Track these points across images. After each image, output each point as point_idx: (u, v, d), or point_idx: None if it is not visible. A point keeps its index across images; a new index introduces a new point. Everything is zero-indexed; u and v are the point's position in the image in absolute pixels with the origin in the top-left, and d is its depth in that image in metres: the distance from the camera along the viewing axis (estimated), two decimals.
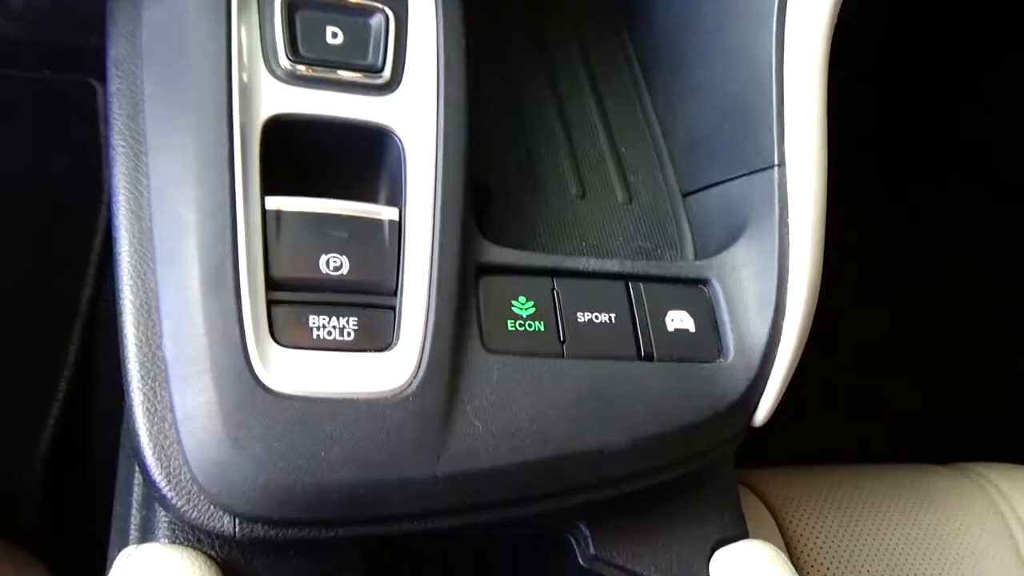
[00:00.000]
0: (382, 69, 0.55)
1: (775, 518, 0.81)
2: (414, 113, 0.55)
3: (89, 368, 0.98)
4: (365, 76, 0.55)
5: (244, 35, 0.53)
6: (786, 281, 0.59)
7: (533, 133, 0.69)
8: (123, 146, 0.53)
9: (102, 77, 1.16)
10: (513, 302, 0.56)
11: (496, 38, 0.73)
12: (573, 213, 0.66)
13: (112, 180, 0.52)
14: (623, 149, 0.70)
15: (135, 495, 0.57)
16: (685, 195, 0.69)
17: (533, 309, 0.56)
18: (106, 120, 0.54)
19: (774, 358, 0.59)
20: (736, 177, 0.63)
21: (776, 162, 0.60)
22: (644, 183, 0.69)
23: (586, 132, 0.70)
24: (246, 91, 0.52)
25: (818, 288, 0.59)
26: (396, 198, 0.54)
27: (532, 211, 0.65)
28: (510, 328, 0.55)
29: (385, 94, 0.55)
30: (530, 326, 0.55)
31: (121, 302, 0.50)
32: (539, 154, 0.68)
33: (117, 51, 0.55)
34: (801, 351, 0.60)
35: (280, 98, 0.53)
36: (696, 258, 0.66)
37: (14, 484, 0.98)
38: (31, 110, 1.09)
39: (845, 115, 0.69)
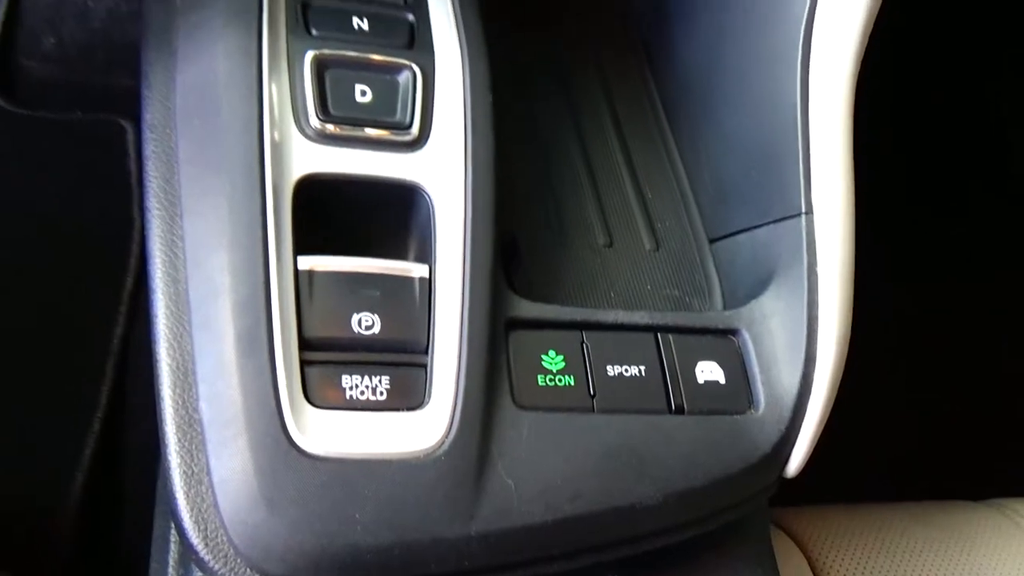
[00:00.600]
0: (410, 126, 0.56)
1: (806, 557, 0.81)
2: (442, 169, 0.56)
3: (121, 406, 1.00)
4: (393, 133, 0.55)
5: (275, 96, 0.54)
6: (816, 331, 0.59)
7: (559, 179, 0.69)
8: (159, 209, 0.54)
9: (132, 117, 1.18)
10: (543, 356, 0.56)
11: (518, 80, 0.73)
12: (601, 262, 0.66)
13: (148, 243, 0.53)
14: (649, 195, 0.70)
15: (172, 552, 0.57)
16: (712, 241, 0.69)
17: (563, 363, 0.56)
18: (141, 183, 0.55)
19: (805, 409, 0.59)
20: (763, 224, 0.63)
21: (803, 210, 0.60)
22: (671, 230, 0.69)
23: (612, 178, 0.71)
24: (278, 151, 0.53)
25: (848, 338, 0.59)
26: (426, 254, 0.55)
27: (560, 261, 0.65)
28: (540, 383, 0.55)
29: (413, 151, 0.56)
30: (560, 380, 0.55)
31: (157, 365, 0.51)
32: (565, 202, 0.68)
33: (152, 115, 0.56)
34: (833, 401, 0.59)
35: (311, 158, 0.54)
36: (725, 306, 0.66)
37: (48, 522, 1.00)
38: (63, 150, 1.11)
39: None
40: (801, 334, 0.59)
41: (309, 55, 0.55)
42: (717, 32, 0.69)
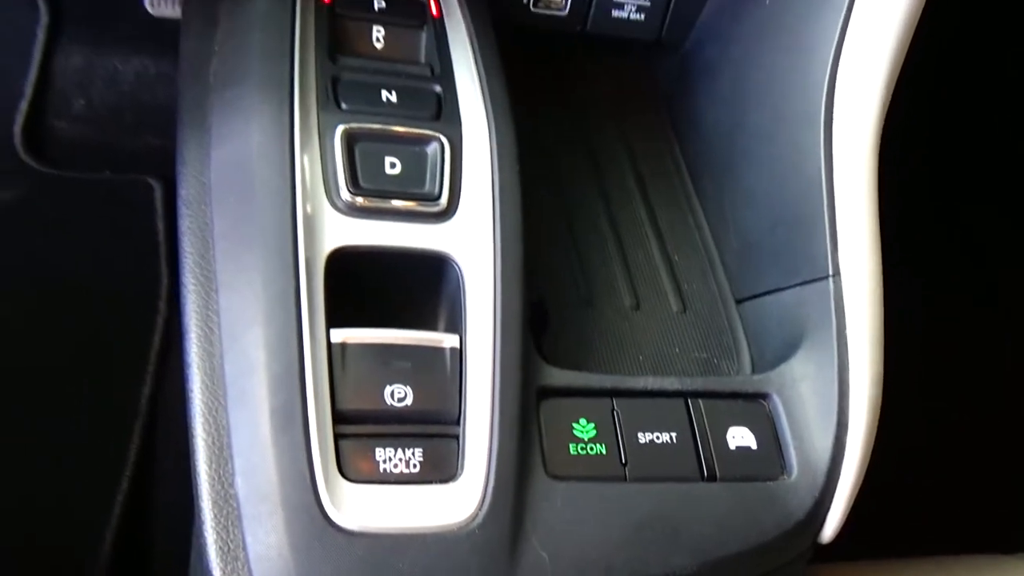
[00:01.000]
0: (439, 197, 0.57)
1: None
2: (471, 239, 0.56)
3: (150, 465, 1.00)
4: (422, 204, 0.56)
5: (307, 169, 0.55)
6: (847, 395, 0.58)
7: (585, 242, 0.70)
8: (194, 284, 0.54)
9: (159, 175, 1.19)
10: (574, 425, 0.56)
11: (542, 143, 0.74)
12: (629, 325, 0.66)
13: (184, 318, 0.54)
14: (675, 256, 0.71)
15: None
16: (739, 302, 0.69)
17: (594, 432, 0.56)
18: (177, 258, 0.56)
19: (839, 474, 0.58)
20: (790, 286, 0.63)
21: (831, 272, 0.60)
22: (698, 291, 0.70)
23: (637, 239, 0.71)
24: (310, 225, 0.54)
25: (880, 401, 0.59)
26: (456, 324, 0.56)
27: (588, 325, 0.65)
28: (572, 452, 0.55)
29: (442, 221, 0.56)
30: (592, 449, 0.55)
31: (194, 440, 0.51)
32: (592, 264, 0.68)
33: (187, 191, 0.57)
34: (866, 465, 0.59)
35: (342, 230, 0.55)
36: (754, 368, 0.66)
37: None
38: (91, 209, 1.13)
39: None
40: (832, 398, 0.58)
41: (339, 129, 0.56)
42: (740, 93, 0.70)
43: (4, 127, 1.10)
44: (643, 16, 0.75)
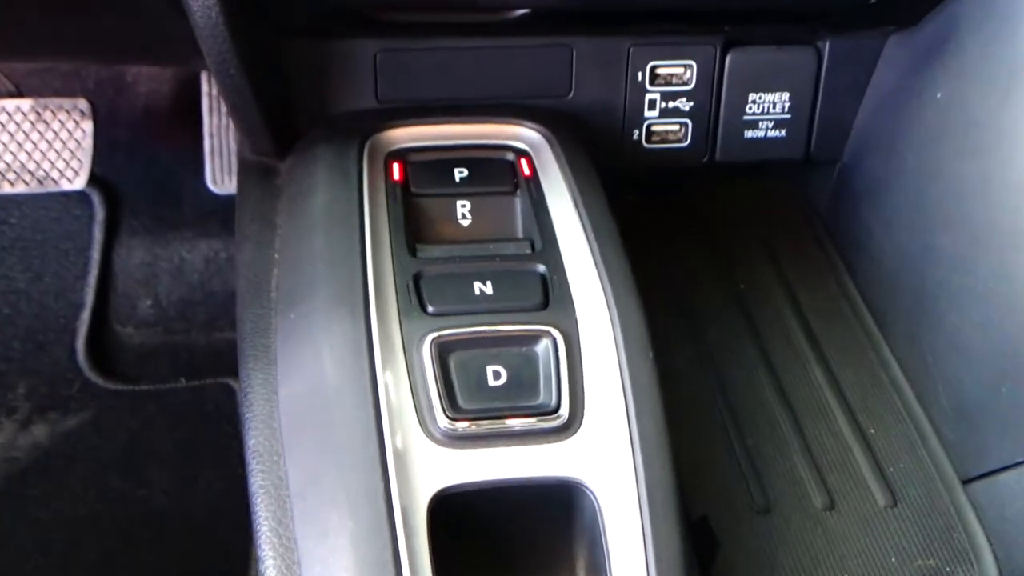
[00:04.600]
0: (558, 408, 0.55)
1: None
2: (604, 457, 0.54)
3: None
4: (539, 420, 0.54)
5: (393, 396, 0.54)
6: None
7: (750, 428, 0.67)
8: (272, 559, 0.54)
9: (240, 376, 1.22)
10: None
11: (677, 305, 0.73)
12: (823, 531, 0.63)
13: None
14: (871, 429, 0.68)
15: None
16: (966, 482, 0.65)
17: None
18: (252, 528, 0.55)
19: None
20: None
21: None
22: (907, 473, 0.66)
23: (818, 412, 0.68)
24: (403, 466, 0.53)
25: None
26: (599, 567, 0.53)
27: (769, 539, 0.62)
28: None
29: (565, 438, 0.54)
30: None
31: None
32: (764, 457, 0.66)
33: (256, 440, 0.57)
34: None
35: (443, 467, 0.53)
36: (1001, 574, 0.60)
37: None
38: (167, 426, 1.16)
39: None
40: None
41: (428, 340, 0.56)
42: (921, 211, 0.67)
43: (66, 345, 1.16)
44: (784, 132, 0.73)
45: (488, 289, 0.58)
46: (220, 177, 1.17)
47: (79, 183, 1.14)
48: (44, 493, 1.03)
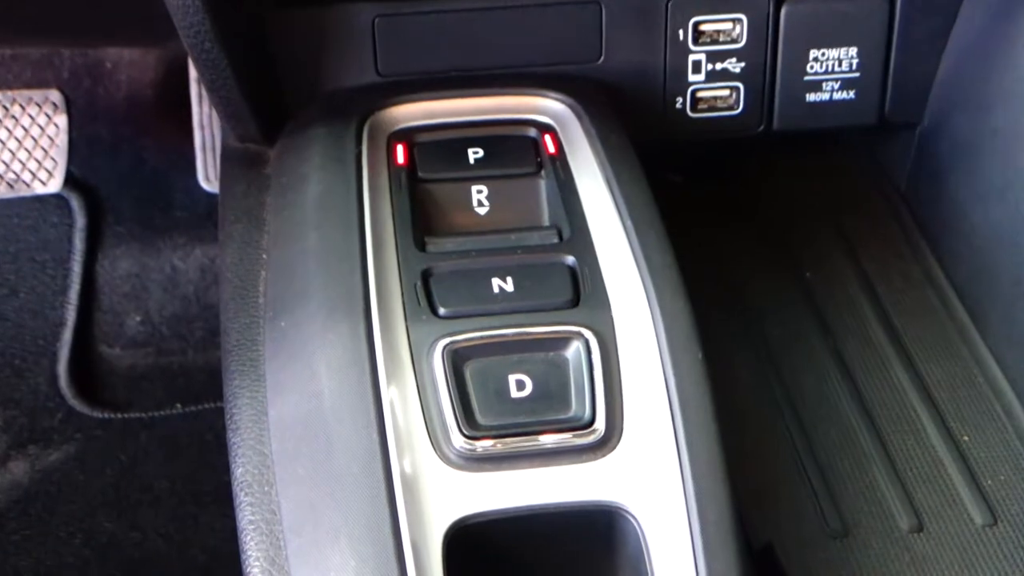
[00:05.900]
0: (592, 421, 0.54)
1: None
2: (648, 477, 0.53)
3: None
4: (571, 436, 0.53)
5: (399, 413, 0.53)
6: None
7: (823, 440, 0.66)
8: None
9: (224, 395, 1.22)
10: None
11: (734, 303, 0.72)
12: (910, 557, 0.62)
13: None
14: (965, 438, 0.67)
15: None
16: None
17: None
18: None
19: None
20: None
21: None
22: (1009, 487, 0.65)
23: (903, 422, 0.67)
24: (412, 493, 0.51)
25: None
26: None
27: (846, 568, 0.61)
28: None
29: (602, 456, 0.53)
30: None
31: None
32: (838, 472, 0.65)
33: (244, 470, 0.56)
34: None
35: (459, 493, 0.52)
36: None
37: None
38: (163, 456, 1.15)
39: None
40: None
41: (439, 347, 0.55)
42: (1020, 176, 0.65)
43: (46, 369, 1.16)
44: (852, 93, 0.72)
45: (508, 286, 0.58)
46: (213, 174, 1.16)
47: (54, 185, 1.14)
48: (24, 539, 1.03)
